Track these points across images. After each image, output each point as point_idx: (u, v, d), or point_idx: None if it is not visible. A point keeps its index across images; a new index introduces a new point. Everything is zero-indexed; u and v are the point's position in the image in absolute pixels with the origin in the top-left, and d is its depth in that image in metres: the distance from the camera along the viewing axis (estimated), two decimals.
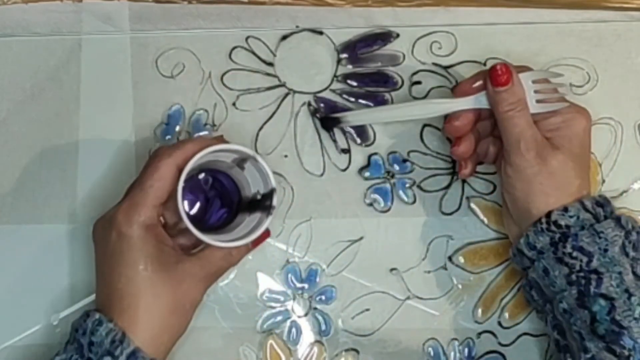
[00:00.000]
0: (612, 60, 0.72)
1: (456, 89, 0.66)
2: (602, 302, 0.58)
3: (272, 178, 0.62)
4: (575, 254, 0.60)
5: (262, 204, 0.62)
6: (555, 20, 0.72)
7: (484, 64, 0.71)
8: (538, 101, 0.63)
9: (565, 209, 0.61)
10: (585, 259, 0.59)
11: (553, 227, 0.61)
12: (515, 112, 0.62)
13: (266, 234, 0.64)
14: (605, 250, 0.59)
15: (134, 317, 0.58)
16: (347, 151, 0.70)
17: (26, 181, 0.70)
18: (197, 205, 0.65)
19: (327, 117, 0.70)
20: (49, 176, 0.70)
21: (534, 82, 0.63)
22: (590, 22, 0.72)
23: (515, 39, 0.72)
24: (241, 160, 0.63)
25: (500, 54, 0.71)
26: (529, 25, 0.72)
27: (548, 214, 0.61)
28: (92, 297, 0.68)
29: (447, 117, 0.65)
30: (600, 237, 0.59)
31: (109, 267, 0.59)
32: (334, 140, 0.71)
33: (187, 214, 0.60)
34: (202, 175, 0.65)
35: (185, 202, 0.64)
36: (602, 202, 0.62)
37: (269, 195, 0.62)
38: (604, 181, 0.71)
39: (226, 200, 0.65)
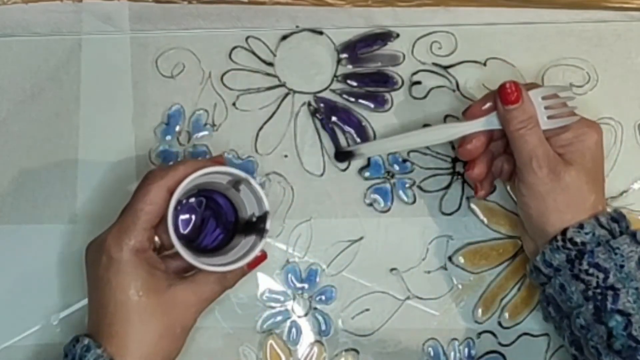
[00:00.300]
0: (612, 60, 0.72)
1: (467, 112, 0.65)
2: (619, 317, 0.58)
3: (265, 201, 0.61)
4: (591, 270, 0.59)
5: (257, 226, 0.62)
6: (555, 20, 0.72)
7: (484, 64, 0.71)
8: (549, 117, 0.62)
9: (581, 226, 0.60)
10: (601, 276, 0.59)
11: (569, 245, 0.60)
12: (526, 130, 0.62)
13: (262, 256, 0.63)
14: (622, 266, 0.59)
15: (123, 343, 0.57)
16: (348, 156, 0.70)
17: (26, 181, 0.70)
18: (193, 225, 0.64)
19: (341, 152, 0.70)
20: (49, 176, 0.70)
21: (543, 98, 0.63)
22: (590, 22, 0.72)
23: (515, 39, 0.72)
24: (236, 182, 0.62)
25: (500, 54, 0.71)
26: (529, 25, 0.72)
27: (563, 232, 0.61)
28: None
29: (460, 141, 0.65)
30: (616, 254, 0.59)
31: (99, 292, 0.59)
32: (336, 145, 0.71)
33: (180, 237, 0.59)
34: (196, 197, 0.64)
35: (182, 221, 0.63)
36: (617, 218, 0.62)
37: (263, 218, 0.61)
38: (603, 181, 0.70)
39: (223, 221, 0.65)
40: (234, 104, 0.71)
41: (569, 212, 0.61)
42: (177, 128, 0.71)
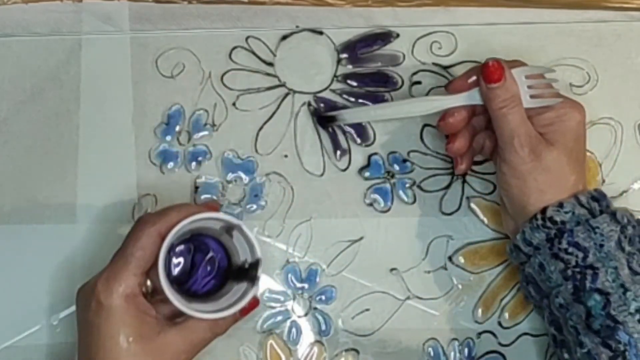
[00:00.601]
0: (612, 60, 0.72)
1: (450, 86, 0.65)
2: (597, 297, 0.58)
3: (258, 248, 0.61)
4: (570, 249, 0.60)
5: (249, 273, 0.61)
6: (555, 20, 0.72)
7: None
8: (532, 96, 0.63)
9: (561, 205, 0.61)
10: (580, 255, 0.59)
11: (548, 223, 0.61)
12: (508, 108, 0.62)
13: (254, 302, 0.63)
14: (601, 246, 0.59)
15: None
16: (346, 152, 0.70)
17: (26, 181, 0.70)
18: (184, 269, 0.63)
19: (323, 116, 0.70)
20: (49, 176, 0.70)
21: (527, 77, 0.63)
22: (590, 22, 0.72)
23: (515, 39, 0.72)
24: (229, 228, 0.62)
25: (500, 54, 0.71)
26: (529, 25, 0.72)
27: (543, 210, 0.61)
28: None
29: (442, 114, 0.65)
30: (595, 233, 0.59)
31: (89, 337, 0.58)
32: (335, 144, 0.71)
33: (172, 281, 0.59)
34: (188, 242, 0.64)
35: (174, 265, 0.63)
36: (598, 197, 0.62)
37: (255, 265, 0.61)
38: (603, 181, 0.70)
39: (215, 266, 0.64)
40: (234, 104, 0.71)
41: (550, 191, 0.61)
42: (177, 128, 0.71)
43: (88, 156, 0.70)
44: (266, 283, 0.69)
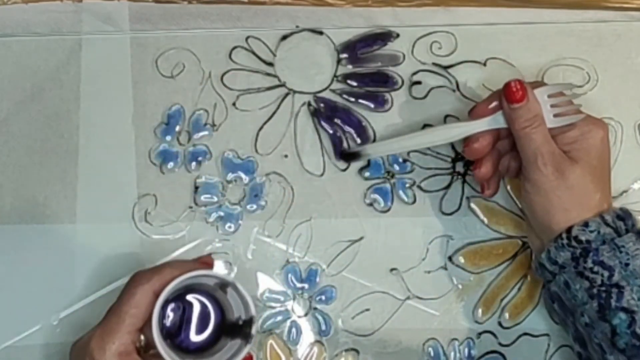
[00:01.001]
0: (612, 60, 0.72)
1: (473, 111, 0.65)
2: (623, 315, 0.58)
3: (252, 305, 0.60)
4: (596, 268, 0.59)
5: (243, 330, 0.61)
6: (555, 20, 0.72)
7: (484, 64, 0.71)
8: (555, 115, 0.62)
9: (586, 224, 0.60)
10: (606, 273, 0.59)
11: (574, 243, 0.60)
12: (531, 128, 0.62)
13: (247, 359, 0.62)
14: (627, 264, 0.59)
15: None
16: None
17: (26, 181, 0.70)
18: (178, 324, 0.63)
19: (347, 153, 0.70)
20: (49, 176, 0.70)
21: (549, 96, 0.63)
22: (590, 22, 0.72)
23: (515, 39, 0.72)
24: (223, 285, 0.62)
25: (500, 54, 0.71)
26: (529, 25, 0.72)
27: (569, 230, 0.61)
28: (92, 297, 0.68)
29: (466, 141, 0.65)
30: (621, 252, 0.59)
31: None
32: (335, 144, 0.71)
33: (166, 337, 0.59)
34: (183, 297, 0.63)
35: (168, 318, 0.63)
36: (623, 216, 0.62)
37: (249, 322, 0.61)
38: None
39: (208, 321, 0.64)
40: (234, 104, 0.71)
41: (574, 210, 0.61)
42: (177, 128, 0.71)
43: (88, 156, 0.70)
44: (266, 283, 0.69)
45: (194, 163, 0.70)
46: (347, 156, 0.70)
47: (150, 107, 0.71)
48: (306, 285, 0.70)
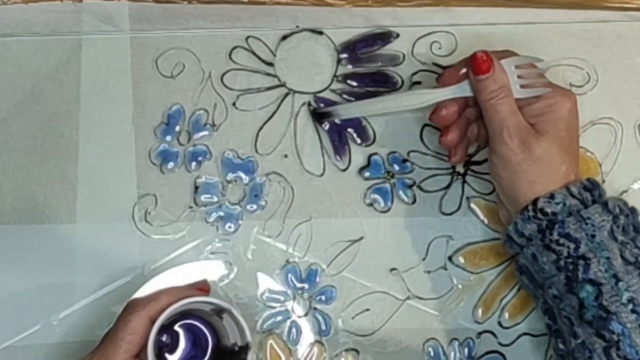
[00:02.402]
0: (612, 60, 0.72)
1: (440, 79, 0.65)
2: (589, 288, 0.58)
3: (247, 332, 0.61)
4: (562, 240, 0.59)
5: (239, 356, 0.62)
6: (555, 20, 0.72)
7: None
8: (522, 86, 0.62)
9: (552, 196, 0.60)
10: (572, 246, 0.59)
11: (539, 215, 0.60)
12: (497, 99, 0.62)
13: None
14: (593, 236, 0.59)
15: None
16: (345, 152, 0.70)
17: (26, 181, 0.70)
18: (173, 349, 0.63)
19: (318, 112, 0.70)
20: (49, 176, 0.70)
21: (517, 67, 0.63)
22: (590, 22, 0.72)
23: (515, 39, 0.72)
24: (219, 310, 0.62)
25: None
26: (529, 25, 0.72)
27: (534, 202, 0.61)
28: (92, 297, 0.68)
29: (434, 108, 0.65)
30: (587, 224, 0.59)
31: None
32: (334, 145, 0.71)
33: None
34: (178, 322, 0.64)
35: (165, 343, 0.63)
36: (590, 187, 0.61)
37: (245, 349, 0.61)
38: (604, 181, 0.70)
39: (202, 347, 0.64)
40: (234, 104, 0.71)
41: (540, 182, 0.61)
42: (177, 128, 0.71)
43: (88, 156, 0.70)
44: (266, 283, 0.69)
45: (194, 163, 0.70)
46: (318, 115, 0.70)
47: (150, 107, 0.71)
48: (306, 285, 0.70)
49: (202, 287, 0.65)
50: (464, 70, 0.64)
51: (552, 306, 0.61)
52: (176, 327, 0.63)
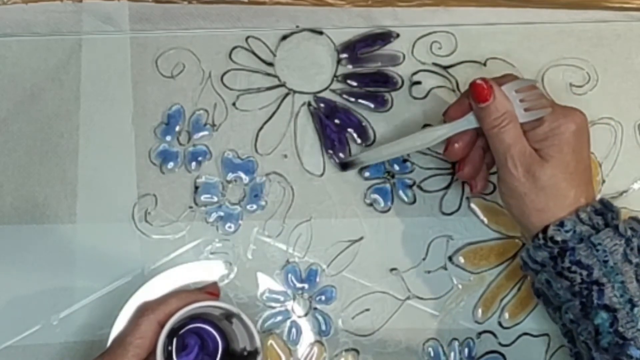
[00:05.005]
0: (612, 60, 0.72)
1: (446, 114, 0.65)
2: (604, 314, 0.57)
3: (257, 337, 0.61)
4: (574, 268, 0.58)
5: None
6: (555, 20, 0.72)
7: (484, 64, 0.71)
8: (526, 110, 0.61)
9: (561, 224, 0.59)
10: (585, 272, 0.58)
11: (550, 243, 0.59)
12: (500, 127, 0.60)
13: None
14: (605, 262, 0.58)
15: None
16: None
17: (26, 181, 0.70)
18: (181, 352, 0.64)
19: (343, 162, 0.69)
20: (49, 176, 0.70)
21: (517, 91, 0.61)
22: (590, 22, 0.72)
23: (515, 39, 0.72)
24: (228, 315, 0.63)
25: (500, 54, 0.71)
26: (529, 25, 0.72)
27: (544, 230, 0.60)
28: (92, 297, 0.68)
29: (445, 144, 0.65)
30: (597, 250, 0.58)
31: None
32: (333, 145, 0.71)
33: None
34: (188, 326, 0.64)
35: (174, 346, 0.63)
36: (602, 209, 0.60)
37: (254, 354, 0.61)
38: (604, 181, 0.70)
39: (209, 351, 0.64)
40: (234, 104, 0.71)
41: (549, 210, 0.60)
42: (177, 128, 0.71)
43: (88, 156, 0.70)
44: (266, 283, 0.69)
45: (194, 163, 0.70)
46: (343, 165, 0.70)
47: (150, 107, 0.71)
48: (306, 285, 0.70)
49: (213, 291, 0.65)
50: (467, 103, 0.63)
51: (570, 329, 0.61)
52: (184, 331, 0.63)
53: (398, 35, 0.72)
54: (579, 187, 0.61)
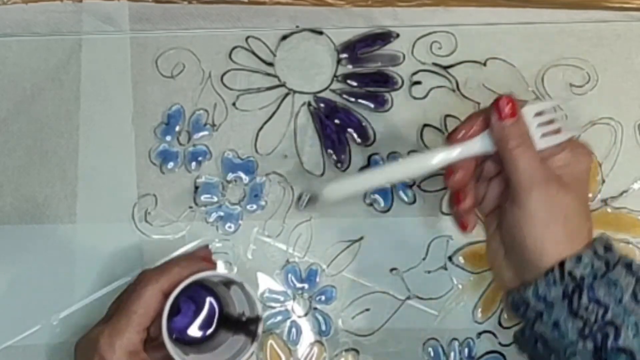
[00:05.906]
0: (612, 60, 0.72)
1: (451, 137, 0.58)
2: (624, 357, 0.53)
3: (259, 306, 0.61)
4: (591, 307, 0.54)
5: (247, 327, 0.62)
6: (555, 20, 0.72)
7: (484, 64, 0.71)
8: (543, 135, 0.57)
9: (579, 258, 0.55)
10: (601, 311, 0.54)
11: (567, 278, 0.55)
12: (524, 148, 0.56)
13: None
14: (620, 300, 0.54)
15: None
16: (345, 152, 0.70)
17: (26, 181, 0.70)
18: (178, 317, 0.64)
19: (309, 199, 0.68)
20: (49, 176, 0.70)
21: (536, 114, 0.57)
22: (590, 22, 0.72)
23: (515, 39, 0.72)
24: (228, 281, 0.62)
25: (500, 54, 0.71)
26: (529, 25, 0.72)
27: (561, 264, 0.55)
28: (92, 296, 0.68)
29: (448, 171, 0.59)
30: (615, 287, 0.54)
31: None
32: (333, 145, 0.71)
33: (171, 337, 0.60)
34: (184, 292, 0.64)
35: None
36: (609, 245, 0.57)
37: (255, 321, 0.61)
38: (604, 181, 0.70)
39: (207, 315, 0.64)
40: (234, 104, 0.71)
41: (567, 241, 0.56)
42: (177, 128, 0.71)
43: (88, 156, 0.70)
44: (266, 283, 0.69)
45: (194, 163, 0.70)
46: (308, 202, 0.68)
47: (150, 107, 0.71)
48: (306, 285, 0.70)
49: (206, 255, 0.65)
50: (474, 127, 0.58)
51: None
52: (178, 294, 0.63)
53: (398, 35, 0.72)
54: (590, 221, 0.58)
